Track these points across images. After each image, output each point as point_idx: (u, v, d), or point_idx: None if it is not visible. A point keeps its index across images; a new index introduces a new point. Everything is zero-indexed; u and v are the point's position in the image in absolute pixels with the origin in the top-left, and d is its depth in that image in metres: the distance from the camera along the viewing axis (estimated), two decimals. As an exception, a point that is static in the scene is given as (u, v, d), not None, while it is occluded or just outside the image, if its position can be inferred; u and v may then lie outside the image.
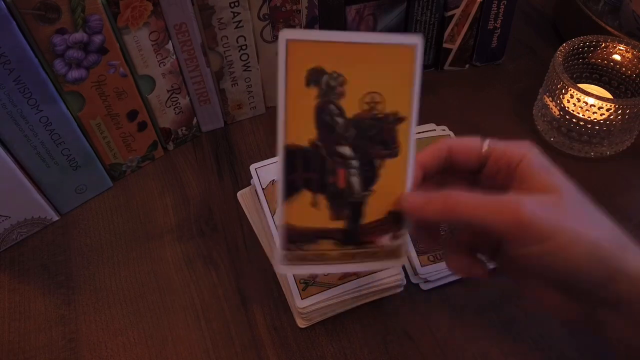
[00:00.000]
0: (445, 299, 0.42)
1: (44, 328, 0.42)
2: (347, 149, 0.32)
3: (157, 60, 0.47)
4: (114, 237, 0.48)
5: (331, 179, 0.32)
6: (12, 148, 0.43)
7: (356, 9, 0.52)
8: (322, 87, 0.31)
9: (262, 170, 0.47)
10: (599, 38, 0.51)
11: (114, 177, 0.52)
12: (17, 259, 0.47)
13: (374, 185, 0.32)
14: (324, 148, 0.32)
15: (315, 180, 0.32)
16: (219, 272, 0.45)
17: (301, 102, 0.31)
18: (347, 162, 0.32)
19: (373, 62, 0.32)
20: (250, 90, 0.55)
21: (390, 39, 0.31)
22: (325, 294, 0.40)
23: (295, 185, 0.32)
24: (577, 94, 0.47)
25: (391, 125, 0.32)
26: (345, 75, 0.31)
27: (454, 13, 0.56)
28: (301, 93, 0.31)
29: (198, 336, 0.41)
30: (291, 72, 0.31)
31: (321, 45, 0.31)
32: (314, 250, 0.33)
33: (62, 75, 0.42)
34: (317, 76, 0.31)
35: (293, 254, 0.33)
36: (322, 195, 0.32)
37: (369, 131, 0.32)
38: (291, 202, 0.32)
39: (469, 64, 0.62)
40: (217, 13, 0.47)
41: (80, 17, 0.40)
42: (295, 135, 0.31)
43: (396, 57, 0.32)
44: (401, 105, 0.32)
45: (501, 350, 0.39)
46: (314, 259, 0.33)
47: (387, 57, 0.32)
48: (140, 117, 0.49)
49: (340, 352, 0.40)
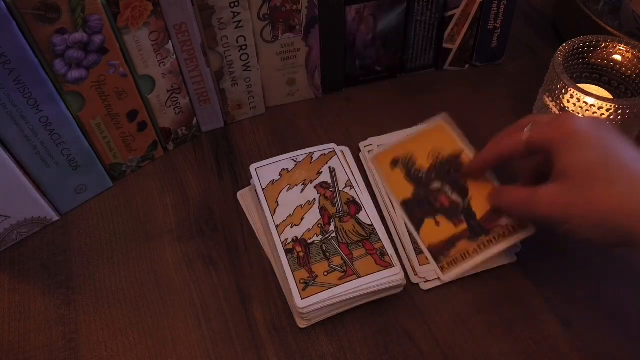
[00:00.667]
0: (445, 299, 0.42)
1: (44, 328, 0.42)
2: (437, 182, 0.47)
3: (157, 60, 0.47)
4: (114, 237, 0.48)
5: (438, 204, 0.46)
6: (12, 148, 0.43)
7: (356, 9, 0.52)
8: (401, 165, 0.49)
9: (262, 170, 0.48)
10: (599, 38, 0.51)
11: (114, 177, 0.52)
12: (17, 259, 0.47)
13: (469, 194, 0.45)
14: (422, 191, 0.47)
15: (428, 210, 0.46)
16: (219, 272, 0.45)
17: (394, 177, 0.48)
18: (442, 190, 0.46)
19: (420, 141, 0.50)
20: (250, 90, 0.55)
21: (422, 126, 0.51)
22: (325, 294, 0.40)
23: (418, 219, 0.45)
24: (577, 94, 0.47)
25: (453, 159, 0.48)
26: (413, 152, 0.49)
27: (454, 13, 0.56)
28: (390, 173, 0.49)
29: (198, 336, 0.41)
30: (379, 167, 0.49)
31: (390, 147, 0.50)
32: (456, 252, 0.43)
33: (62, 75, 0.42)
34: (395, 161, 0.49)
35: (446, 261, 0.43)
36: (439, 215, 0.45)
37: (444, 167, 0.47)
38: (422, 231, 0.45)
39: (469, 64, 0.62)
40: (217, 13, 0.47)
41: (80, 17, 0.40)
42: (401, 194, 0.47)
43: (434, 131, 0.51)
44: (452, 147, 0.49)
45: (501, 350, 0.39)
46: (460, 258, 0.43)
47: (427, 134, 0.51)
48: (140, 117, 0.49)
49: (340, 352, 0.40)
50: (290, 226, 0.44)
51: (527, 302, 0.42)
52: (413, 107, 0.57)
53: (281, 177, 0.47)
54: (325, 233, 0.44)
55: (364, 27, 0.54)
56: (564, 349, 0.39)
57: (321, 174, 0.48)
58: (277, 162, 0.49)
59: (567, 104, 0.48)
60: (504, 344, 0.40)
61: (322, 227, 0.44)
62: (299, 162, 0.48)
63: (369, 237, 0.43)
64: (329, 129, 0.55)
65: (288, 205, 0.45)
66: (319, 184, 0.47)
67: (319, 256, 0.42)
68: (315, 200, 0.46)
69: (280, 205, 0.45)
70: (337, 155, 0.49)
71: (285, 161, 0.49)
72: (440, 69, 0.61)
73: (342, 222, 0.44)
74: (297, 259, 0.42)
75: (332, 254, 0.42)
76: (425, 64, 0.60)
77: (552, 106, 0.50)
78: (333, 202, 0.46)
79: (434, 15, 0.56)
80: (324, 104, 0.58)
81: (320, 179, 0.47)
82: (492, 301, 0.42)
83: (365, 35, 0.55)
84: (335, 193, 0.46)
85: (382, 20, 0.54)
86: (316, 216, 0.45)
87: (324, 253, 0.42)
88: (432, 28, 0.57)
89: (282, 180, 0.47)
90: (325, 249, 0.43)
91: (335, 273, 0.41)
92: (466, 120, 0.54)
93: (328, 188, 0.47)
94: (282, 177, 0.47)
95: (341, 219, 0.44)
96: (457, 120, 0.53)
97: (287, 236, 0.43)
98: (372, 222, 0.44)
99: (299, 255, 0.42)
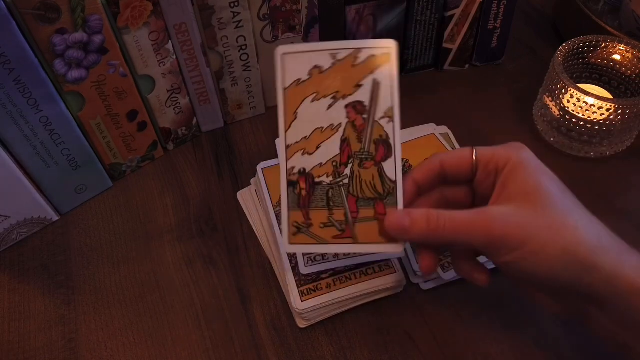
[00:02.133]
0: (445, 299, 0.42)
1: (44, 328, 0.42)
2: None
3: (157, 60, 0.47)
4: (114, 237, 0.48)
5: None
6: (12, 148, 0.43)
7: (356, 9, 0.52)
8: None
9: (290, 60, 0.36)
10: (599, 38, 0.51)
11: (114, 177, 0.52)
12: (17, 259, 0.47)
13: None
14: None
15: None
16: (219, 272, 0.45)
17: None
18: None
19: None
20: (250, 90, 0.55)
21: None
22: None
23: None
24: (577, 94, 0.47)
25: None
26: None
27: (454, 13, 0.56)
28: None
29: (198, 336, 0.41)
30: None
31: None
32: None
33: (62, 75, 0.42)
34: None
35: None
36: None
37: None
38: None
39: (469, 64, 0.62)
40: (217, 13, 0.47)
41: (80, 17, 0.40)
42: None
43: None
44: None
45: (501, 350, 0.39)
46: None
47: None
48: (140, 117, 0.49)
49: (340, 352, 0.40)
50: (301, 152, 0.36)
51: (527, 302, 0.42)
52: (413, 107, 0.57)
53: (310, 77, 0.36)
54: (337, 176, 0.36)
55: (364, 27, 0.54)
56: (564, 349, 0.39)
57: (360, 89, 0.36)
58: (311, 54, 0.36)
59: (567, 104, 0.48)
60: (504, 344, 0.40)
61: (337, 167, 0.36)
62: (337, 61, 0.36)
63: (386, 197, 0.35)
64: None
65: (306, 123, 0.36)
66: (351, 103, 0.36)
67: (322, 202, 0.36)
68: (341, 127, 0.36)
69: (298, 119, 0.36)
70: (391, 62, 0.36)
71: (321, 54, 0.36)
72: (440, 69, 0.61)
73: (361, 167, 0.36)
74: (298, 196, 0.36)
75: (336, 204, 0.36)
76: (425, 64, 0.60)
77: (552, 106, 0.50)
78: (361, 135, 0.36)
79: (434, 15, 0.56)
80: (324, 104, 0.58)
81: (356, 97, 0.36)
82: (492, 301, 0.42)
83: (365, 35, 0.55)
84: (368, 123, 0.36)
85: (382, 20, 0.54)
86: (335, 149, 0.36)
87: (328, 200, 0.36)
88: (432, 28, 0.57)
89: (309, 83, 0.36)
90: (331, 195, 0.36)
91: (331, 229, 0.36)
92: (466, 121, 0.54)
93: (362, 113, 0.36)
94: (311, 78, 0.36)
95: (361, 163, 0.36)
96: (457, 120, 0.53)
97: (295, 164, 0.36)
98: (395, 179, 0.36)
99: (301, 193, 0.36)
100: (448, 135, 0.51)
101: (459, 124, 0.52)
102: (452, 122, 0.53)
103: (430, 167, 0.36)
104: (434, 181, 0.36)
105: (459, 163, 0.35)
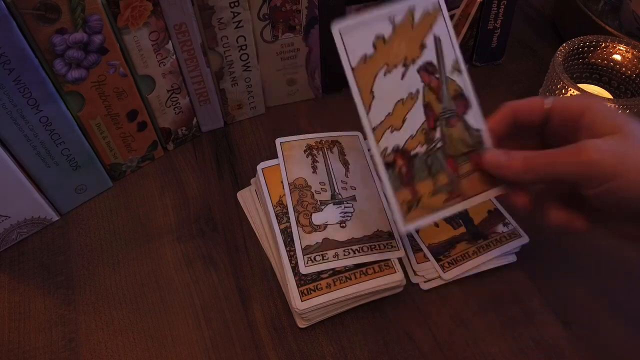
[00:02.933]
0: (445, 299, 0.42)
1: (44, 328, 0.42)
2: None
3: (157, 60, 0.47)
4: (114, 237, 0.48)
5: None
6: (12, 148, 0.43)
7: (356, 9, 0.52)
8: None
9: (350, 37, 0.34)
10: (599, 38, 0.51)
11: (114, 177, 0.52)
12: (17, 259, 0.47)
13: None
14: None
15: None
16: (219, 272, 0.45)
17: None
18: None
19: None
20: (250, 90, 0.55)
21: None
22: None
23: None
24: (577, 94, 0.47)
25: None
26: None
27: (454, 13, 0.56)
28: None
29: (198, 336, 0.41)
30: None
31: None
32: (456, 253, 0.43)
33: (62, 75, 0.42)
34: None
35: (446, 260, 0.42)
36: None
37: None
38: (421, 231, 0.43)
39: (469, 64, 0.61)
40: (217, 13, 0.47)
41: (80, 17, 0.40)
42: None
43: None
44: None
45: (501, 350, 0.39)
46: (460, 258, 0.42)
47: None
48: (140, 117, 0.49)
49: (340, 352, 0.40)
50: (390, 130, 0.34)
51: (527, 302, 0.42)
52: (413, 107, 0.57)
53: (376, 50, 0.34)
54: (430, 142, 0.35)
55: (364, 27, 0.54)
56: (564, 349, 0.39)
57: (425, 49, 0.35)
58: (369, 25, 0.34)
59: (567, 104, 0.48)
60: (504, 344, 0.40)
61: (428, 133, 0.34)
62: (397, 25, 0.34)
63: (476, 147, 0.35)
64: (329, 129, 0.55)
65: (386, 99, 0.34)
66: (422, 65, 0.35)
67: (424, 173, 0.34)
68: (419, 93, 0.35)
69: (376, 98, 0.34)
70: (442, 14, 0.35)
71: (379, 21, 0.34)
72: (440, 69, 0.61)
73: (449, 125, 0.35)
74: (398, 176, 0.34)
75: (437, 170, 0.35)
76: (425, 64, 0.60)
77: (552, 106, 0.50)
78: (439, 95, 0.35)
79: (434, 15, 0.56)
80: (324, 104, 0.58)
81: (424, 58, 0.35)
82: (492, 301, 0.42)
83: (365, 35, 0.55)
84: (442, 81, 0.35)
85: (382, 20, 0.54)
86: (420, 117, 0.35)
87: (428, 169, 0.34)
88: (432, 28, 0.57)
89: (377, 57, 0.34)
90: (430, 163, 0.35)
91: (440, 195, 0.35)
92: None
93: (434, 73, 0.35)
94: (377, 51, 0.34)
95: (448, 122, 0.35)
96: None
97: (387, 144, 0.34)
98: (479, 126, 0.36)
99: (401, 170, 0.34)
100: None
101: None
102: (452, 122, 0.53)
103: (503, 114, 0.36)
104: (507, 129, 0.37)
105: (532, 110, 0.35)
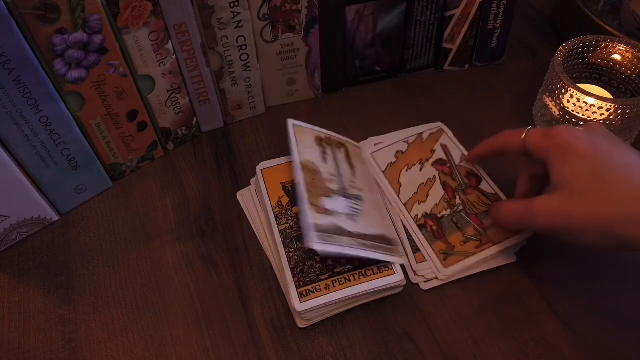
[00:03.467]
0: (445, 299, 0.42)
1: (44, 328, 0.42)
2: None
3: (157, 60, 0.47)
4: (114, 237, 0.48)
5: None
6: (12, 148, 0.43)
7: (356, 9, 0.52)
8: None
9: (379, 155, 0.51)
10: (599, 38, 0.51)
11: (114, 177, 0.52)
12: (17, 259, 0.47)
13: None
14: None
15: None
16: (219, 272, 0.45)
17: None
18: None
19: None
20: (250, 90, 0.55)
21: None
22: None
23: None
24: (577, 94, 0.47)
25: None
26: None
27: (454, 13, 0.56)
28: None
29: (198, 336, 0.41)
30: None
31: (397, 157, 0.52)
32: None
33: (62, 75, 0.42)
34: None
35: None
36: None
37: None
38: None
39: (469, 64, 0.62)
40: (217, 13, 0.47)
41: (80, 17, 0.40)
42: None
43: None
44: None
45: (501, 350, 0.39)
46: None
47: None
48: (140, 117, 0.49)
49: (340, 352, 0.40)
50: (417, 203, 0.47)
51: (527, 302, 0.42)
52: (413, 108, 0.57)
53: (397, 159, 0.50)
54: (452, 207, 0.46)
55: (364, 27, 0.54)
56: (564, 349, 0.39)
57: (435, 152, 0.50)
58: (391, 146, 0.51)
59: (567, 104, 0.48)
60: (504, 344, 0.40)
61: (449, 201, 0.46)
62: (411, 144, 0.51)
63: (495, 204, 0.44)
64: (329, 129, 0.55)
65: (411, 184, 0.48)
66: (435, 161, 0.49)
67: (452, 228, 0.45)
68: (436, 177, 0.48)
69: (403, 185, 0.48)
70: (445, 133, 0.52)
71: (397, 144, 0.51)
72: (440, 69, 0.61)
73: (466, 194, 0.47)
74: (431, 233, 0.45)
75: (464, 225, 0.45)
76: (425, 64, 0.60)
77: (552, 106, 0.50)
78: (453, 176, 0.48)
79: (433, 15, 0.56)
80: (324, 104, 0.58)
81: (436, 157, 0.50)
82: (492, 301, 0.42)
83: (365, 36, 0.55)
84: (452, 168, 0.49)
85: (382, 20, 0.54)
86: (440, 192, 0.47)
87: (455, 225, 0.45)
88: (432, 28, 0.57)
89: (399, 162, 0.50)
90: (457, 221, 0.45)
91: (470, 243, 0.43)
92: (466, 121, 0.54)
93: (445, 164, 0.49)
94: (398, 160, 0.50)
95: (464, 192, 0.47)
96: (456, 120, 0.53)
97: (417, 212, 0.46)
98: (495, 190, 0.46)
99: (432, 229, 0.45)
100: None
101: (459, 124, 0.52)
102: (452, 122, 0.53)
103: (491, 148, 0.45)
104: (493, 154, 0.45)
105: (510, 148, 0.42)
